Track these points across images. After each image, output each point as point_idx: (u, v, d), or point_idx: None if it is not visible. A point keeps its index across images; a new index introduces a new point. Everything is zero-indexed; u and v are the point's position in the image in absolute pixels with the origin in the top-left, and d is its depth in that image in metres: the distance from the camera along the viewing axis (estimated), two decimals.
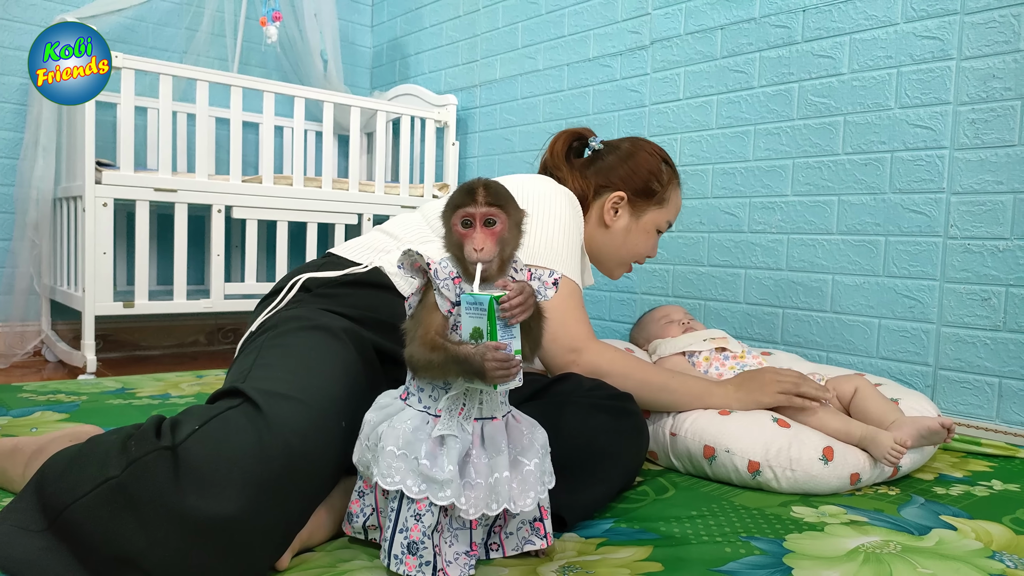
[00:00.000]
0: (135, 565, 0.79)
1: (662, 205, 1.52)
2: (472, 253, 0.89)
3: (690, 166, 2.27)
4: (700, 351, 1.71)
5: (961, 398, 1.74)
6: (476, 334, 0.86)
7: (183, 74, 2.45)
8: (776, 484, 1.29)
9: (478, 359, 0.85)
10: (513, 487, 0.92)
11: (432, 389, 0.93)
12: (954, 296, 1.75)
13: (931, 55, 1.77)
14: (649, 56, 2.39)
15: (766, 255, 2.09)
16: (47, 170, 2.57)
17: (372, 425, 0.95)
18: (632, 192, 1.49)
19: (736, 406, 1.39)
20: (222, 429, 0.86)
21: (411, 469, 0.88)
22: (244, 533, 0.81)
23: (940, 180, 1.76)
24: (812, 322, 1.99)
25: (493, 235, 0.90)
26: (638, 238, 1.52)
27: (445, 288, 0.90)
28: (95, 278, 2.30)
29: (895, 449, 1.29)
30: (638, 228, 1.51)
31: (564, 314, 1.29)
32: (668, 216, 1.54)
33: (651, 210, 1.51)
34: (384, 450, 0.90)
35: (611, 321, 2.51)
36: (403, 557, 0.88)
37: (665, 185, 1.51)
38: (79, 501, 0.82)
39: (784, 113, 2.04)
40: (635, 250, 1.53)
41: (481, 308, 0.85)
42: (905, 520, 1.17)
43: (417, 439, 0.90)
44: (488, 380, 0.85)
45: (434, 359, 0.88)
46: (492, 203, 0.90)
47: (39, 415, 1.68)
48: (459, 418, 0.91)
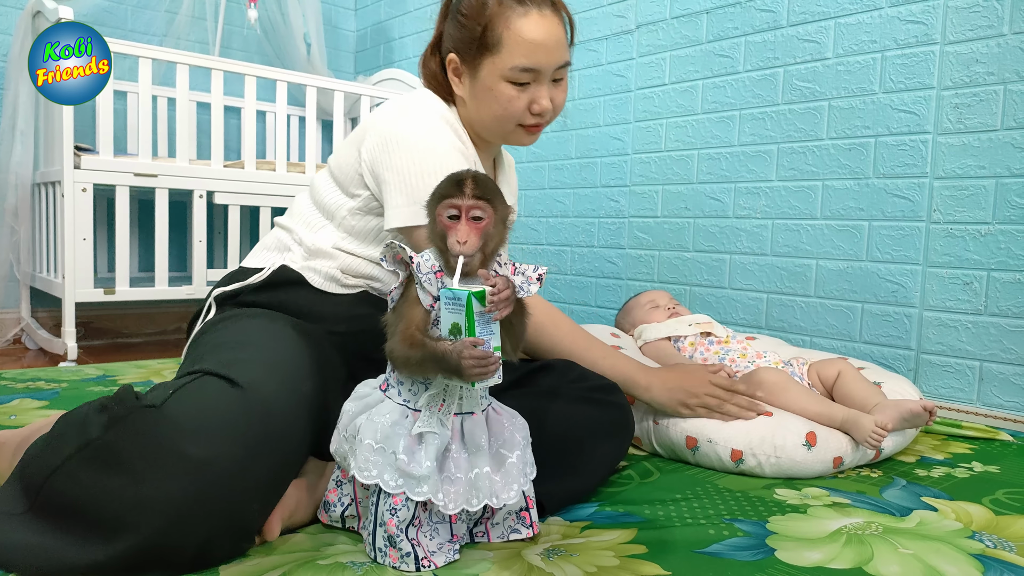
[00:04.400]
0: (123, 522, 0.78)
1: (496, 51, 1.16)
2: (455, 245, 0.87)
3: (676, 151, 2.27)
4: (685, 336, 1.71)
5: (943, 381, 1.75)
6: (455, 330, 0.84)
7: (163, 57, 2.41)
8: (760, 471, 1.30)
9: (455, 357, 0.83)
10: (496, 481, 0.92)
11: (412, 383, 0.92)
12: (936, 280, 1.76)
13: (915, 39, 1.77)
14: (635, 40, 2.38)
15: (751, 240, 2.10)
16: (25, 155, 2.53)
17: (350, 416, 0.94)
18: (459, 50, 1.21)
19: (655, 404, 1.35)
20: (199, 390, 0.88)
21: (388, 463, 0.88)
22: (234, 479, 0.82)
23: (923, 165, 1.77)
24: (796, 307, 2.00)
25: (478, 229, 0.88)
26: (487, 98, 1.20)
27: (427, 282, 0.89)
28: (75, 265, 2.27)
29: (876, 432, 1.30)
30: (482, 89, 1.20)
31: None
32: (513, 60, 1.16)
33: (485, 62, 1.18)
34: (362, 443, 0.89)
35: (596, 307, 2.51)
36: (387, 550, 0.88)
37: (489, 24, 1.16)
38: (57, 471, 0.82)
39: (769, 98, 2.04)
40: (497, 112, 1.20)
41: (459, 303, 0.84)
42: (887, 502, 1.18)
43: (395, 433, 0.89)
44: (465, 378, 0.84)
45: (412, 356, 0.87)
46: (480, 196, 0.89)
47: (18, 403, 1.66)
48: (439, 413, 0.90)
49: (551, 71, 1.19)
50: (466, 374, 0.84)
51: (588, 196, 2.53)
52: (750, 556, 0.95)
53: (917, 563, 0.94)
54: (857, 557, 0.95)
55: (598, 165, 2.50)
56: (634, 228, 2.39)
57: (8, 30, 2.69)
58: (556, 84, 1.22)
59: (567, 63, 1.22)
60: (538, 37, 1.16)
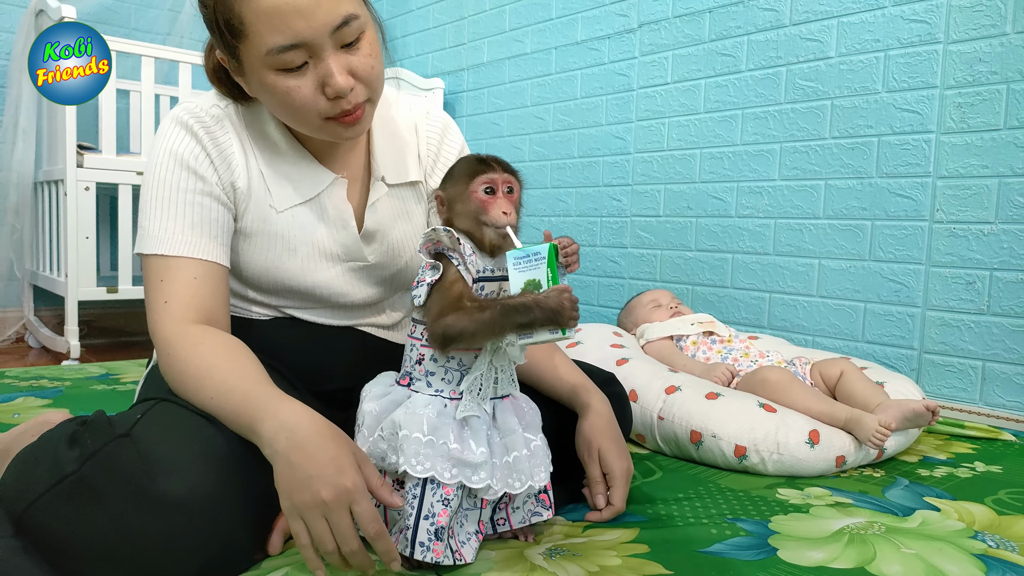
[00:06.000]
0: (112, 558, 0.77)
1: (242, 35, 0.88)
2: (502, 217, 0.89)
3: (678, 150, 2.27)
4: (688, 335, 1.71)
5: (945, 381, 1.75)
6: (531, 285, 0.84)
7: (166, 56, 2.42)
8: (763, 468, 1.30)
9: (554, 300, 0.82)
10: (530, 464, 0.92)
11: (445, 372, 0.91)
12: (939, 280, 1.75)
13: (918, 39, 1.77)
14: (637, 39, 2.38)
15: (753, 240, 2.10)
16: (27, 153, 2.53)
17: (375, 415, 0.91)
18: (216, 43, 0.95)
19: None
20: (164, 414, 0.86)
21: (440, 454, 0.87)
22: (216, 510, 0.79)
23: (926, 164, 1.76)
24: (798, 306, 2.00)
25: (512, 201, 0.92)
26: (267, 97, 0.94)
27: (470, 263, 0.89)
28: (78, 263, 2.27)
29: (879, 432, 1.30)
30: (256, 87, 0.94)
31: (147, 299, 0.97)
32: (263, 41, 0.87)
33: (241, 53, 0.91)
34: (409, 437, 0.87)
35: (599, 306, 2.51)
36: (430, 544, 0.85)
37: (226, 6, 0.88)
38: (33, 505, 0.79)
39: (772, 97, 2.04)
40: (285, 111, 0.94)
41: (539, 258, 0.84)
42: (889, 501, 1.18)
43: (443, 423, 0.88)
44: (563, 321, 0.83)
45: (486, 318, 0.84)
46: (509, 171, 0.93)
47: (21, 401, 1.66)
48: (478, 398, 0.90)
49: (326, 37, 0.87)
50: (565, 316, 0.82)
51: (590, 195, 2.53)
52: (752, 556, 0.95)
53: (919, 563, 0.94)
54: (859, 557, 0.95)
55: (600, 164, 2.50)
56: (636, 227, 2.39)
57: (11, 28, 2.69)
58: (350, 49, 0.91)
59: (350, 16, 0.88)
60: (274, 8, 0.85)
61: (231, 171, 0.99)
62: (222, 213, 0.99)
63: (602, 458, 1.04)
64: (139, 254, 0.97)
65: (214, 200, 0.98)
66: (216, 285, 0.97)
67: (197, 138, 0.97)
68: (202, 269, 0.95)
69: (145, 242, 0.96)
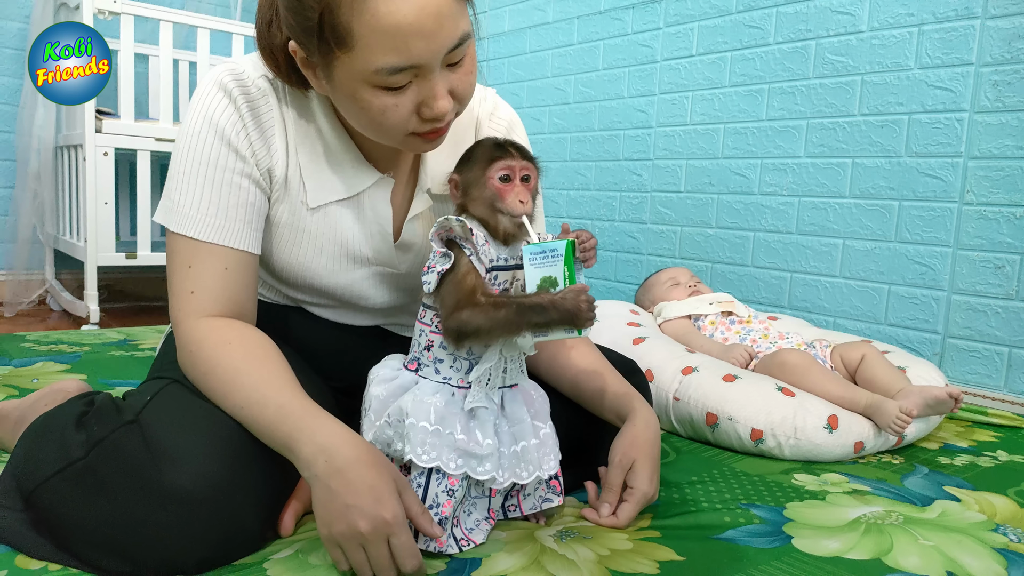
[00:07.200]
0: (118, 544, 0.77)
1: (347, 46, 0.78)
2: (518, 206, 0.87)
3: (701, 125, 2.22)
4: (706, 315, 1.69)
5: (969, 367, 1.72)
6: (547, 282, 0.83)
7: (184, 20, 2.39)
8: (779, 452, 1.28)
9: (570, 301, 0.80)
10: (539, 454, 0.91)
11: (454, 360, 0.90)
12: (967, 263, 1.71)
13: (954, 13, 1.71)
14: (662, 10, 2.32)
15: (776, 218, 2.05)
16: (47, 118, 2.53)
17: (382, 400, 0.90)
18: (299, 40, 0.83)
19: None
20: (173, 397, 0.85)
21: (447, 444, 0.85)
22: (223, 499, 0.78)
23: (958, 144, 1.71)
24: (820, 287, 1.97)
25: (529, 189, 0.89)
26: (352, 108, 0.85)
27: (483, 253, 0.87)
28: (96, 228, 2.28)
29: (900, 418, 1.28)
30: (342, 96, 0.84)
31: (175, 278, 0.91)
32: (374, 59, 0.78)
33: (336, 61, 0.80)
34: (416, 426, 0.85)
35: (616, 282, 2.49)
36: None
37: (329, 8, 0.77)
38: (41, 487, 0.80)
39: (800, 71, 1.98)
40: (372, 126, 0.85)
41: (556, 255, 0.82)
42: (908, 490, 1.16)
43: (451, 413, 0.87)
44: (579, 323, 0.82)
45: (502, 317, 0.83)
46: (527, 157, 0.90)
47: (40, 365, 1.67)
48: (486, 388, 0.89)
49: (440, 58, 0.80)
50: (582, 317, 0.81)
51: (610, 169, 2.49)
52: (766, 543, 0.94)
53: (938, 555, 0.92)
54: (876, 547, 0.93)
55: (621, 138, 2.45)
56: (656, 203, 2.36)
57: None
58: (455, 68, 0.83)
59: (465, 36, 0.81)
60: (407, 19, 0.75)
61: (270, 155, 0.91)
62: (259, 197, 0.92)
63: (633, 472, 0.97)
64: (165, 227, 0.90)
65: (252, 183, 0.90)
66: (247, 276, 0.91)
67: (239, 110, 0.89)
68: (234, 259, 0.89)
69: (174, 218, 0.88)
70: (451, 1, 0.79)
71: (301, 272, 0.99)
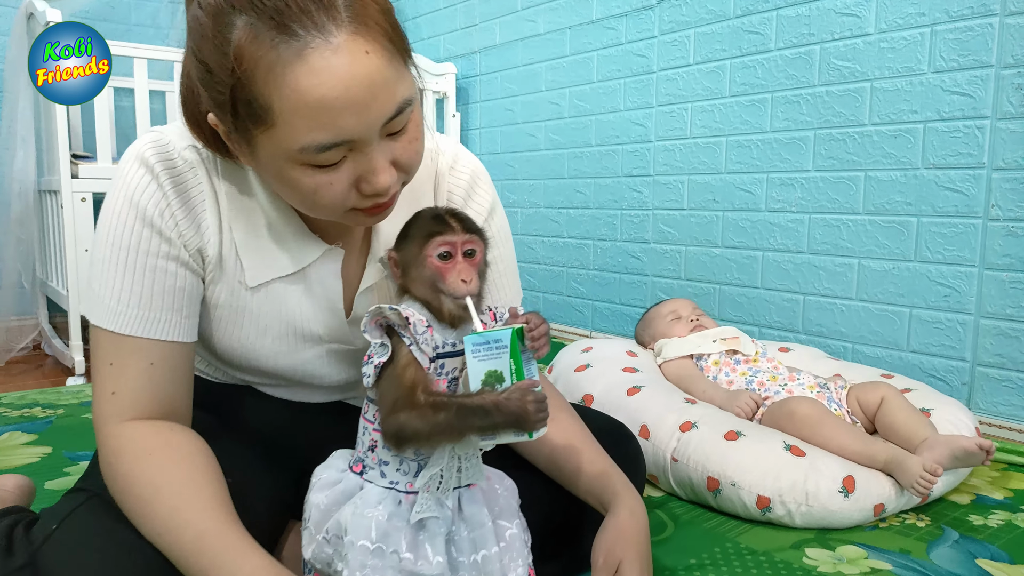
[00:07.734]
0: None
1: (267, 123, 0.67)
2: (461, 286, 0.76)
3: (702, 138, 2.09)
4: (709, 354, 1.56)
5: (1001, 397, 1.57)
6: (492, 377, 0.72)
7: (160, 57, 2.31)
8: (789, 520, 1.15)
9: (515, 404, 0.70)
10: (504, 561, 0.80)
11: (401, 461, 0.79)
12: (995, 284, 1.56)
13: (970, 11, 1.56)
14: (657, 17, 2.18)
15: (785, 236, 1.92)
16: (27, 162, 2.46)
17: (323, 511, 0.79)
18: (215, 113, 0.72)
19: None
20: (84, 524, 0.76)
21: (390, 566, 0.75)
22: None
23: (980, 154, 1.56)
24: (836, 310, 1.82)
25: (474, 266, 0.78)
26: (281, 187, 0.74)
27: (424, 341, 0.76)
28: (78, 277, 2.20)
29: (925, 477, 1.14)
30: (268, 173, 0.74)
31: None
32: (298, 137, 0.67)
33: (257, 137, 0.69)
34: (355, 545, 0.75)
35: (621, 304, 2.36)
36: None
37: (243, 82, 0.66)
38: None
39: (804, 79, 1.84)
40: (305, 205, 0.75)
41: (501, 346, 0.72)
42: (935, 566, 1.03)
43: (394, 528, 0.76)
44: (528, 426, 0.71)
45: (441, 421, 0.72)
46: (470, 229, 0.78)
47: (7, 437, 1.59)
48: (437, 493, 0.78)
49: (376, 131, 0.69)
50: (531, 421, 0.70)
51: (609, 186, 2.37)
52: None
53: None
54: None
55: (619, 153, 2.33)
56: (658, 221, 2.23)
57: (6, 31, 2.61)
58: (397, 136, 0.73)
59: (405, 103, 0.70)
60: (333, 92, 0.65)
61: (200, 235, 0.81)
62: (189, 280, 0.82)
63: (620, 572, 0.85)
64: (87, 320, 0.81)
65: (180, 265, 0.81)
66: (176, 368, 0.82)
67: (162, 187, 0.79)
68: (161, 352, 0.80)
69: (96, 310, 0.79)
70: (385, 66, 0.68)
71: (244, 354, 0.89)
